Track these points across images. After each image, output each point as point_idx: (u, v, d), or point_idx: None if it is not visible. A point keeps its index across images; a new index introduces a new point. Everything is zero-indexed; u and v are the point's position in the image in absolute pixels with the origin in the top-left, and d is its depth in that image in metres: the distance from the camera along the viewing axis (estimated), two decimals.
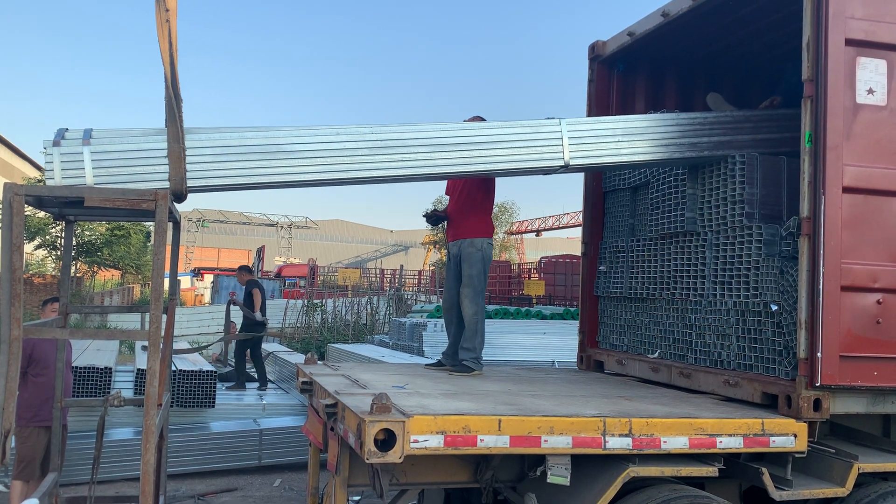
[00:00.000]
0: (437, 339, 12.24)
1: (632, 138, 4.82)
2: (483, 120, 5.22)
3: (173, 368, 7.97)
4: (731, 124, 4.95)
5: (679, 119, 4.92)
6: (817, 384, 3.92)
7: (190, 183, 4.02)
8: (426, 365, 5.76)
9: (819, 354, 3.91)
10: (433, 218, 6.06)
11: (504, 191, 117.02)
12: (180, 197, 4.06)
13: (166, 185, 3.95)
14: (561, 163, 4.67)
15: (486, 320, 5.69)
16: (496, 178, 5.59)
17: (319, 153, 4.27)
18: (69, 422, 6.56)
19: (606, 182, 6.19)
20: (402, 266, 33.71)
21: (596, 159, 4.78)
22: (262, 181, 4.21)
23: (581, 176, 6.35)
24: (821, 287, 3.94)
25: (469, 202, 5.63)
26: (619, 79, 6.14)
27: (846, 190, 4.01)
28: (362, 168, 4.35)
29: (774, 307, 4.31)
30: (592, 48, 6.13)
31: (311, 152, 4.26)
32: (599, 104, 6.09)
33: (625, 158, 4.83)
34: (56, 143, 3.87)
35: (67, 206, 4.15)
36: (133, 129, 4.03)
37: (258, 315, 11.08)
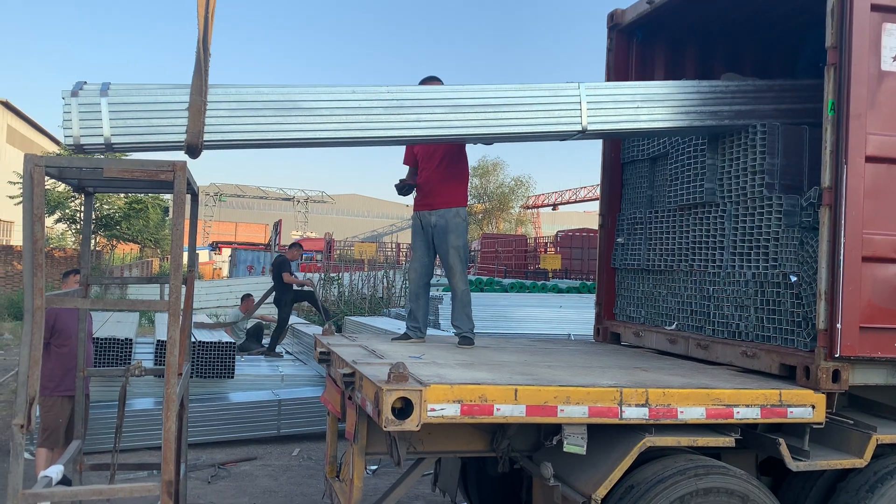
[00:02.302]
0: None
1: (651, 105, 4.73)
2: (440, 82, 5.18)
3: (193, 340, 8.06)
4: (752, 93, 4.87)
5: (700, 87, 4.84)
6: (836, 355, 3.89)
7: (206, 137, 4.03)
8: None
9: (839, 325, 3.88)
10: (406, 189, 5.63)
11: (520, 164, 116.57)
12: (195, 150, 4.06)
13: (182, 137, 3.98)
14: (578, 127, 4.60)
15: (502, 294, 5.66)
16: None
17: (335, 111, 4.26)
18: (91, 391, 6.67)
19: (625, 153, 6.14)
20: None
21: (614, 125, 4.69)
22: (277, 138, 4.21)
23: (599, 148, 6.30)
24: (841, 258, 3.89)
25: (450, 170, 5.46)
26: (638, 48, 6.05)
27: (869, 159, 3.95)
28: (377, 127, 4.33)
29: (794, 278, 4.28)
30: (611, 17, 6.04)
31: (327, 110, 4.25)
32: (618, 74, 6.01)
33: (644, 125, 4.74)
34: (74, 94, 3.92)
35: (87, 176, 4.18)
36: (149, 84, 4.08)
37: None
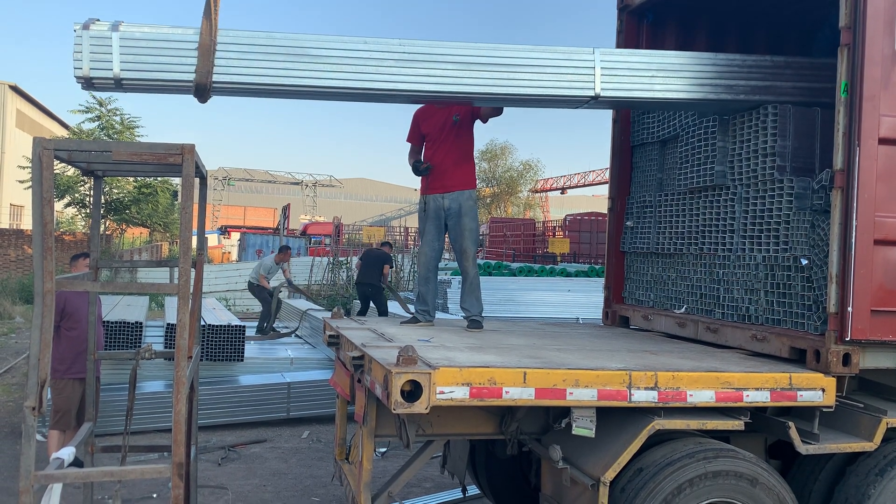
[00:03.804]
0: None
1: (666, 74, 4.64)
2: None
3: (202, 323, 8.09)
4: (770, 69, 4.76)
5: (716, 59, 4.74)
6: (847, 339, 3.88)
7: (215, 78, 4.02)
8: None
9: (850, 309, 3.86)
10: (426, 169, 5.41)
11: (528, 148, 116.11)
12: (204, 91, 4.04)
13: (192, 77, 3.98)
14: (591, 93, 4.52)
15: (511, 278, 5.64)
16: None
17: (345, 60, 4.23)
18: (102, 374, 6.72)
19: (634, 136, 6.09)
20: None
21: (627, 93, 4.60)
22: (286, 83, 4.20)
23: (608, 131, 6.26)
24: (853, 241, 3.87)
25: (462, 151, 5.40)
26: (649, 30, 5.98)
27: (882, 141, 3.91)
28: (387, 80, 4.29)
29: (804, 261, 4.26)
30: None
31: (337, 58, 4.23)
32: None
33: (658, 95, 4.65)
34: (86, 27, 3.90)
35: (96, 159, 4.18)
36: (162, 25, 4.08)
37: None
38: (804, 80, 4.75)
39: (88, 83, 4.00)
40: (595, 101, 4.60)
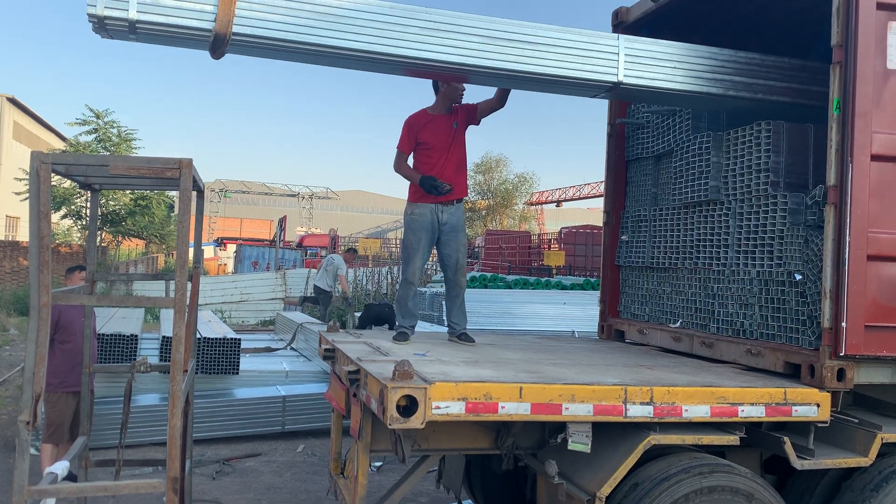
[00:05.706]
0: None
1: (687, 66, 4.67)
2: None
3: (198, 336, 8.08)
4: (787, 71, 4.80)
5: (736, 56, 4.78)
6: (841, 354, 3.89)
7: (235, 28, 3.97)
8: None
9: (844, 324, 3.88)
10: (448, 188, 5.25)
11: (524, 161, 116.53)
12: (222, 42, 3.99)
13: (211, 25, 3.92)
14: (614, 79, 4.53)
15: (506, 290, 5.61)
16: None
17: (371, 22, 4.20)
18: (97, 387, 6.69)
19: (629, 151, 6.13)
20: None
21: (650, 81, 4.62)
22: (307, 41, 4.13)
23: (603, 145, 6.29)
24: (846, 256, 3.89)
25: (460, 158, 5.38)
26: None
27: (875, 158, 3.94)
28: (410, 47, 4.27)
29: (798, 277, 4.28)
30: (616, 15, 6.02)
31: (362, 20, 4.19)
32: None
33: (679, 86, 4.66)
34: None
35: (93, 173, 4.18)
36: None
37: None
38: (818, 84, 4.73)
39: (101, 24, 3.86)
40: (616, 89, 4.62)
